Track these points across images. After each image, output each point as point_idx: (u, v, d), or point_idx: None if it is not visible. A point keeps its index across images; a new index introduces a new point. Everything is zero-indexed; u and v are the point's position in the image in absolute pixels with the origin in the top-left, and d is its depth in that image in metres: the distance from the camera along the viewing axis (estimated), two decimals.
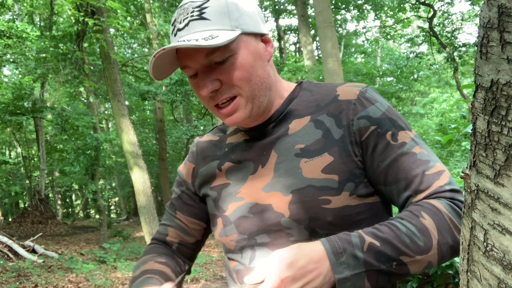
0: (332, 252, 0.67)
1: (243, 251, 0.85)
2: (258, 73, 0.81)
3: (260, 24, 0.84)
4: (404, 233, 0.69)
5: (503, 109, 0.38)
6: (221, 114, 0.82)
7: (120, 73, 6.72)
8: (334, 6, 15.43)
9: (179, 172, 1.02)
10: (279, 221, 0.80)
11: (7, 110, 10.53)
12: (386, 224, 0.72)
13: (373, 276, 0.67)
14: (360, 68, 11.80)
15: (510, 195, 0.39)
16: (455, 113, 16.71)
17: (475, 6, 14.20)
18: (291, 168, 0.81)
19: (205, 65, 0.79)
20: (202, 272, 6.34)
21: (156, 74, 0.81)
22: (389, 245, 0.68)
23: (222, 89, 0.80)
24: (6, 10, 12.09)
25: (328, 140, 0.81)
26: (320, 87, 0.89)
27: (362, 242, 0.68)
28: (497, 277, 0.41)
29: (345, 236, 0.69)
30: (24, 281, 5.72)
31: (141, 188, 6.37)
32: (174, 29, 0.81)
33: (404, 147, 0.77)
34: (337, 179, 0.78)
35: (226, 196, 0.88)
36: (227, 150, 0.92)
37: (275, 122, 0.87)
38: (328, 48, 6.47)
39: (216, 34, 0.75)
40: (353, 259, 0.67)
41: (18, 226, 12.92)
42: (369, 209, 0.81)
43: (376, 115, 0.80)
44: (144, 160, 6.66)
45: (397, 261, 0.68)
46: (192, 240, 1.00)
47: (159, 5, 14.96)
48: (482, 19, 0.40)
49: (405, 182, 0.76)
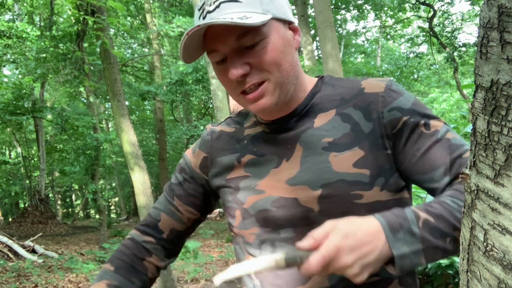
0: (388, 228, 0.65)
1: (262, 246, 0.84)
2: (288, 59, 0.80)
3: (289, 11, 0.83)
4: (455, 209, 0.68)
5: (503, 109, 0.38)
6: (247, 100, 0.80)
7: (120, 73, 6.72)
8: (334, 6, 15.43)
9: (186, 158, 0.99)
10: (308, 216, 0.79)
11: (7, 110, 10.52)
12: (436, 201, 0.70)
13: (429, 253, 0.66)
14: (360, 68, 11.80)
15: (510, 195, 0.39)
16: (455, 113, 16.71)
17: (475, 6, 14.20)
18: (320, 162, 0.80)
19: (235, 48, 0.77)
20: (202, 272, 6.34)
21: (185, 56, 0.80)
22: (443, 220, 0.67)
23: (251, 74, 0.78)
24: (6, 10, 12.09)
25: (357, 133, 0.80)
26: (342, 81, 0.89)
27: (417, 218, 0.66)
28: (497, 277, 0.41)
29: (400, 212, 0.67)
30: (24, 281, 5.72)
31: (141, 188, 6.37)
32: (203, 12, 0.79)
33: (437, 134, 0.77)
34: (368, 173, 0.78)
35: (245, 188, 0.86)
36: (246, 143, 0.90)
37: (298, 116, 0.86)
38: (328, 48, 6.47)
39: (249, 15, 0.74)
40: (410, 235, 0.65)
41: (18, 226, 12.92)
42: (397, 205, 0.80)
43: (406, 106, 0.79)
44: (144, 160, 6.66)
45: (451, 237, 0.67)
46: (182, 228, 0.99)
47: (159, 5, 14.96)
48: (482, 19, 0.40)
49: (444, 167, 0.76)
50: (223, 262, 7.19)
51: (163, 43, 15.27)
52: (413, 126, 0.79)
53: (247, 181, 0.86)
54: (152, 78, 15.79)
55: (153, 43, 14.33)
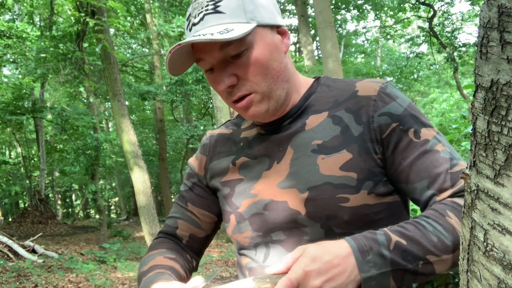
0: (358, 250, 0.65)
1: (257, 248, 0.84)
2: (274, 66, 0.80)
3: (276, 15, 0.83)
4: (430, 232, 0.68)
5: (503, 109, 0.38)
6: (238, 108, 0.81)
7: (120, 73, 6.72)
8: (334, 6, 15.44)
9: (190, 165, 1.00)
10: (295, 219, 0.79)
11: (7, 110, 10.53)
12: (412, 222, 0.70)
13: (399, 276, 0.66)
14: (360, 68, 11.80)
15: (510, 195, 0.39)
16: (455, 113, 16.70)
17: (475, 6, 14.20)
18: (308, 165, 0.80)
19: (221, 59, 0.77)
20: (202, 272, 6.34)
21: (172, 70, 0.80)
22: (416, 244, 0.66)
23: (239, 85, 0.79)
24: (6, 10, 12.09)
25: (346, 136, 0.79)
26: (338, 83, 0.88)
27: (389, 240, 0.66)
28: (497, 277, 0.41)
29: (371, 235, 0.68)
30: (24, 281, 5.72)
31: (141, 188, 6.37)
32: (189, 23, 0.80)
33: (427, 145, 0.76)
34: (355, 177, 0.77)
35: (240, 192, 0.86)
36: (243, 145, 0.91)
37: (292, 117, 0.86)
38: (328, 48, 6.48)
39: (231, 27, 0.74)
40: (379, 257, 0.65)
41: (18, 226, 12.92)
42: (387, 209, 0.79)
43: (397, 112, 0.78)
44: (144, 160, 6.66)
45: (424, 260, 0.66)
46: (202, 234, 0.98)
47: (159, 5, 14.96)
48: (482, 19, 0.40)
49: (428, 180, 0.75)
50: (223, 262, 7.19)
51: (163, 43, 15.26)
52: (402, 133, 0.77)
53: (242, 185, 0.87)
54: (152, 78, 15.80)
55: (153, 43, 14.34)
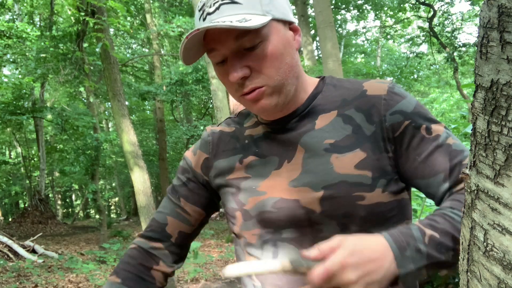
0: (396, 246, 0.66)
1: (264, 247, 0.84)
2: (287, 61, 0.80)
3: (289, 12, 0.83)
4: (457, 221, 0.69)
5: (503, 109, 0.38)
6: (248, 100, 0.81)
7: (120, 73, 6.72)
8: (334, 6, 15.44)
9: (186, 159, 0.99)
10: (309, 217, 0.79)
11: (7, 110, 10.53)
12: (440, 214, 0.71)
13: (432, 267, 0.67)
14: (360, 68, 11.81)
15: (510, 195, 0.39)
16: (455, 113, 16.69)
17: (475, 6, 14.20)
18: (321, 164, 0.80)
19: (235, 50, 0.77)
20: (202, 272, 6.34)
21: (186, 58, 0.80)
22: (447, 235, 0.68)
23: (251, 77, 0.78)
24: (6, 10, 12.09)
25: (359, 136, 0.80)
26: (344, 82, 0.89)
27: (423, 234, 0.67)
28: (497, 277, 0.41)
29: (406, 230, 0.68)
30: (24, 281, 5.72)
31: (141, 188, 6.37)
32: (203, 13, 0.79)
33: (439, 139, 0.78)
34: (370, 175, 0.78)
35: (246, 189, 0.86)
36: (248, 143, 0.90)
37: (299, 116, 0.86)
38: (328, 48, 6.48)
39: (249, 17, 0.75)
40: (417, 252, 0.66)
41: (18, 226, 12.92)
42: (398, 206, 0.81)
43: (408, 110, 0.80)
44: (144, 160, 6.66)
45: (455, 251, 0.67)
46: (190, 230, 0.98)
47: (159, 5, 14.96)
48: (482, 19, 0.40)
49: (444, 174, 0.76)
50: (223, 262, 7.19)
51: (163, 43, 15.28)
52: (414, 130, 0.79)
53: (248, 182, 0.86)
54: (152, 78, 15.80)
55: (153, 43, 14.34)
